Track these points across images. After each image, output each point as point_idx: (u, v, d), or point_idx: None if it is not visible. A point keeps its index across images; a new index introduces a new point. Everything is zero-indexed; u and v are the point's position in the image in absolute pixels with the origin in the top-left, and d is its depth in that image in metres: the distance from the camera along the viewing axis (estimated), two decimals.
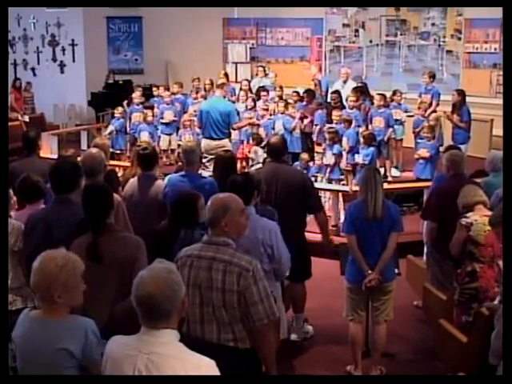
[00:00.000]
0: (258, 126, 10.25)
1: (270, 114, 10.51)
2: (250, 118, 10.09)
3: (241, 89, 11.68)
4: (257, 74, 13.41)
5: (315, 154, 9.80)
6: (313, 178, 7.95)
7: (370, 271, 4.93)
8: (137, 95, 11.64)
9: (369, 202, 4.92)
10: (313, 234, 6.13)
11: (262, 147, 9.39)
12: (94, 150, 5.09)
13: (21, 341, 2.85)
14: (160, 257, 3.67)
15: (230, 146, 8.89)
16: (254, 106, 10.70)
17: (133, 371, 2.50)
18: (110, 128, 11.06)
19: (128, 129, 11.21)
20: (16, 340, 2.87)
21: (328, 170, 9.12)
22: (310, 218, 5.80)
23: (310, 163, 9.46)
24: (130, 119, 11.34)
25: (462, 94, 9.92)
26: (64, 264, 2.81)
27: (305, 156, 9.37)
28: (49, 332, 2.80)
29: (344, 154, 9.13)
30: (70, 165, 4.44)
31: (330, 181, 9.01)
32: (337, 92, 10.62)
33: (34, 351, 2.80)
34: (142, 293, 2.51)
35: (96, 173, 4.77)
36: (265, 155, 9.25)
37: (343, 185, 9.01)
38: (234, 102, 11.10)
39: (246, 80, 12.44)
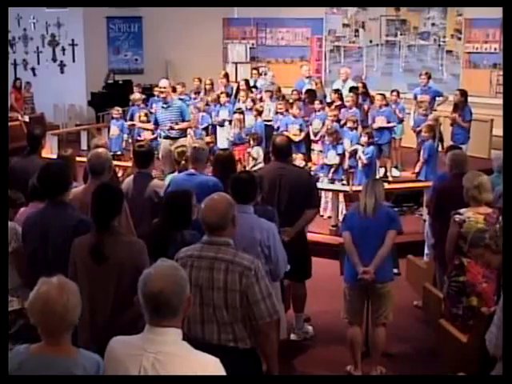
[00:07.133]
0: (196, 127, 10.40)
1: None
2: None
3: (243, 89, 11.66)
4: (259, 75, 13.35)
5: (312, 153, 9.81)
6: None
7: (362, 268, 4.90)
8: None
9: (361, 199, 5.01)
10: (313, 234, 6.14)
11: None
12: (100, 150, 5.13)
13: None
14: (157, 259, 3.68)
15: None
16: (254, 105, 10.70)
17: (138, 371, 2.47)
18: (113, 128, 10.76)
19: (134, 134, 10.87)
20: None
21: (332, 170, 9.07)
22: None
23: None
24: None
25: (464, 93, 9.92)
26: (68, 303, 2.52)
27: (298, 156, 9.39)
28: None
29: (347, 154, 9.08)
30: (57, 167, 4.41)
31: (332, 181, 8.98)
32: (338, 91, 10.61)
33: None
34: (151, 289, 2.49)
35: (101, 171, 4.81)
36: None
37: (343, 185, 8.99)
38: (233, 103, 11.13)
39: (245, 80, 12.40)
